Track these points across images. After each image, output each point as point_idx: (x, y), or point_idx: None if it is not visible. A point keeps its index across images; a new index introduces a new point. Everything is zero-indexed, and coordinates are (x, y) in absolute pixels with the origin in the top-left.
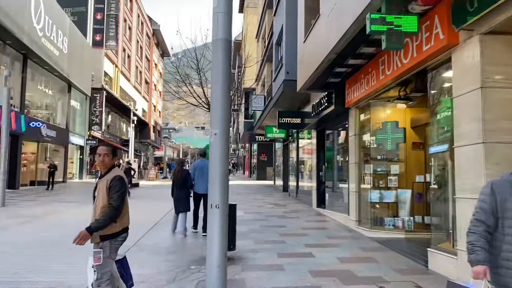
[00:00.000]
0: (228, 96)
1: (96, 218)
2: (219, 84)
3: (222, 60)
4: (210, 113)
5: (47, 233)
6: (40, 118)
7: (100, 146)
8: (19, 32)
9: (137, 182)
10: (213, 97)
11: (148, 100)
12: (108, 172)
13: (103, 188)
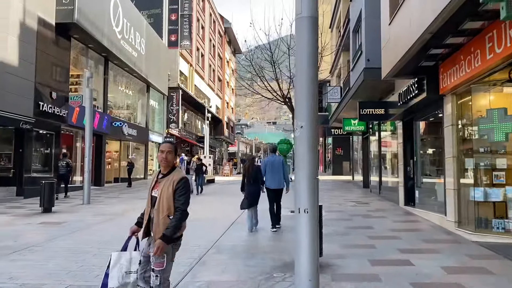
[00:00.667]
0: (315, 82)
1: (169, 225)
2: (304, 69)
3: (307, 41)
4: (295, 102)
5: (126, 232)
6: (122, 118)
7: (163, 143)
8: (100, 36)
9: (212, 178)
10: (298, 84)
11: (221, 97)
12: (171, 172)
13: (167, 189)
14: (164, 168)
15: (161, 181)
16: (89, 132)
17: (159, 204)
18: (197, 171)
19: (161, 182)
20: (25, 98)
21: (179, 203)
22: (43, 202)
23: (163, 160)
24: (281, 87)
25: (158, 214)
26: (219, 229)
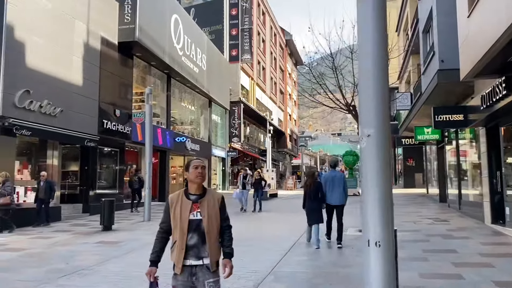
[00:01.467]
0: (385, 78)
1: (227, 243)
2: (369, 60)
3: (373, 24)
4: (359, 105)
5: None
6: (185, 133)
7: (196, 159)
8: (161, 53)
9: (275, 192)
10: (362, 81)
11: (283, 110)
12: (205, 190)
13: (213, 208)
14: (199, 184)
15: (201, 201)
16: (149, 148)
17: (209, 226)
18: (255, 186)
19: (202, 203)
20: (89, 117)
21: (228, 221)
22: (103, 220)
23: (199, 175)
24: (344, 94)
25: (210, 236)
26: (278, 252)
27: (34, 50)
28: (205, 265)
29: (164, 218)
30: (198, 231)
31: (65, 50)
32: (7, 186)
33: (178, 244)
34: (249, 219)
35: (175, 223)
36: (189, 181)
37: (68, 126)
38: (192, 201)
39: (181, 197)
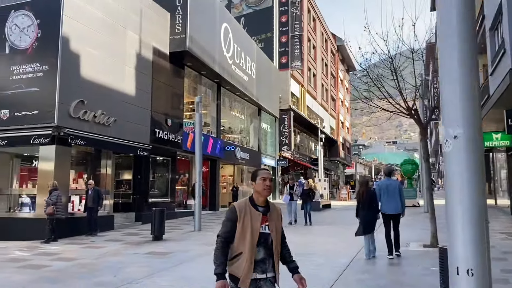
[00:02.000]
0: (475, 66)
1: (291, 257)
2: (454, 45)
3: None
4: (441, 100)
5: None
6: (235, 142)
7: (264, 170)
8: (211, 62)
9: (328, 203)
10: (444, 68)
11: (335, 117)
12: (268, 203)
13: (278, 222)
14: (265, 197)
15: (270, 214)
16: (199, 157)
17: (277, 240)
18: (303, 198)
19: (270, 216)
20: (142, 126)
21: (284, 234)
22: (153, 229)
23: (267, 188)
24: (405, 97)
25: (276, 250)
26: (333, 269)
27: (88, 60)
28: (269, 279)
29: (228, 228)
30: (265, 245)
31: (118, 60)
32: (53, 196)
33: (247, 257)
34: (298, 232)
35: (243, 234)
36: (255, 192)
37: (121, 136)
38: (261, 213)
39: (249, 207)
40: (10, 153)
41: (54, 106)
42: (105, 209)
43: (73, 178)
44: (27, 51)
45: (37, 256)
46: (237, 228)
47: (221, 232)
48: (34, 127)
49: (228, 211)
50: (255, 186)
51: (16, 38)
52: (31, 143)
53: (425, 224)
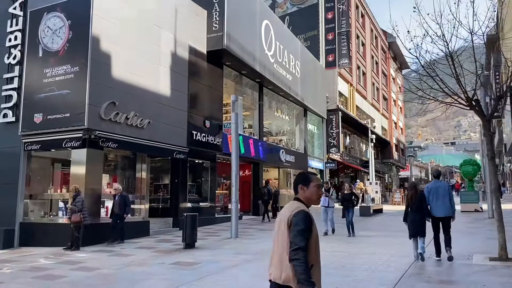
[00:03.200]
0: None
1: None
2: None
3: None
4: None
5: (259, 280)
6: (279, 144)
7: (316, 175)
8: (251, 61)
9: (379, 207)
10: None
11: (387, 118)
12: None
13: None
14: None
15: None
16: (235, 160)
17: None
18: (344, 204)
19: None
20: (178, 128)
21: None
22: (184, 237)
23: (320, 197)
24: (463, 85)
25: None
26: (380, 286)
27: (120, 61)
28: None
29: (308, 238)
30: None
31: (152, 60)
32: (77, 202)
33: (319, 270)
34: (342, 241)
35: (316, 245)
36: (306, 198)
37: (156, 138)
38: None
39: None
40: (50, 157)
41: (84, 108)
42: (140, 214)
43: (107, 182)
44: (59, 53)
45: (60, 264)
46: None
47: (303, 244)
48: (65, 130)
49: (305, 218)
50: (306, 192)
51: (48, 41)
52: (63, 146)
53: (490, 232)
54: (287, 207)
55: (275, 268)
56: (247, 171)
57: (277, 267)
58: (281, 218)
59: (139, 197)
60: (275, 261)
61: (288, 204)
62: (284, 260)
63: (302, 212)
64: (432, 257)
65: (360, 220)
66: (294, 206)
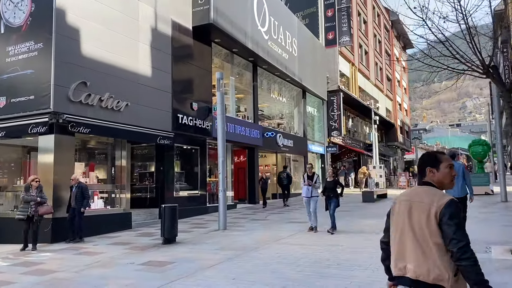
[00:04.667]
0: None
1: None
2: None
3: None
4: None
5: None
6: (276, 128)
7: (446, 156)
8: (242, 37)
9: (384, 192)
10: None
11: (392, 99)
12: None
13: None
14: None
15: None
16: (222, 144)
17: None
18: (326, 194)
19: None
20: (161, 111)
21: None
22: (163, 231)
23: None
24: (478, 47)
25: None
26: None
27: (91, 36)
28: None
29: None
30: None
31: (129, 36)
32: (43, 193)
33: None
34: (331, 235)
35: None
36: (438, 182)
37: (136, 122)
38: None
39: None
40: (23, 146)
41: (49, 89)
42: (121, 205)
43: (82, 171)
44: (22, 28)
45: (14, 267)
46: None
47: (468, 239)
48: (30, 114)
49: (458, 209)
50: (437, 174)
51: (10, 15)
52: (28, 132)
53: (506, 218)
54: (423, 194)
55: (416, 264)
56: (242, 157)
57: (421, 264)
58: (419, 207)
59: (119, 187)
60: (414, 257)
61: (422, 190)
62: (432, 256)
63: (455, 203)
64: None
65: (362, 206)
66: (437, 194)
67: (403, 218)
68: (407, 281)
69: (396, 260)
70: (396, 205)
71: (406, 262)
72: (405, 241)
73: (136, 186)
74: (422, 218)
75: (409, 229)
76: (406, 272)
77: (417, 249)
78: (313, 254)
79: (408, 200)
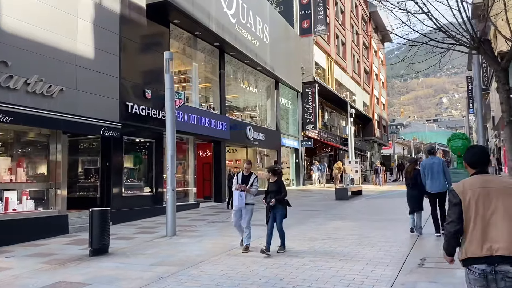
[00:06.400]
0: None
1: None
2: None
3: None
4: None
5: None
6: (246, 120)
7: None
8: (205, 19)
9: (358, 188)
10: None
11: (369, 92)
12: None
13: None
14: None
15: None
16: (171, 136)
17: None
18: (268, 200)
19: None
20: (106, 98)
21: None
22: (91, 240)
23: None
24: (467, 12)
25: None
26: None
27: (14, 8)
28: None
29: None
30: None
31: (65, 11)
32: None
33: None
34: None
35: None
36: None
37: (73, 110)
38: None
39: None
40: None
41: None
42: (56, 207)
43: (7, 167)
44: None
45: None
46: None
47: None
48: None
49: None
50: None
51: None
52: None
53: None
54: (499, 180)
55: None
56: (207, 151)
57: None
58: (505, 191)
59: (53, 186)
60: (511, 234)
61: (496, 177)
62: None
63: None
64: (433, 235)
65: (333, 205)
66: (506, 179)
67: (499, 204)
68: (496, 259)
69: (489, 241)
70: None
71: (504, 242)
72: (498, 224)
73: (80, 184)
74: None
75: (505, 213)
76: (499, 251)
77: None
78: (271, 272)
79: (506, 188)
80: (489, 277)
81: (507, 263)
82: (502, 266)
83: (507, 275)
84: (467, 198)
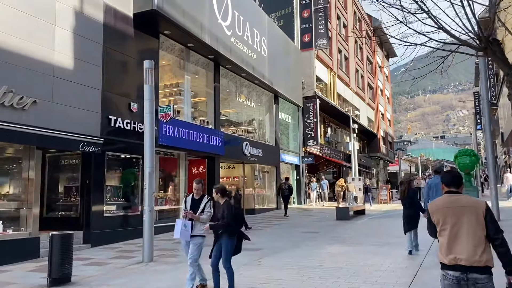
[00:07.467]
0: None
1: None
2: None
3: None
4: None
5: None
6: (243, 135)
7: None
8: (198, 30)
9: (361, 208)
10: None
11: (374, 108)
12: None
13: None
14: None
15: None
16: (150, 151)
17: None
18: (215, 227)
19: None
20: (86, 111)
21: None
22: (50, 269)
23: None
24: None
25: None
26: None
27: None
28: None
29: None
30: None
31: (41, 18)
32: None
33: None
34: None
35: None
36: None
37: (48, 124)
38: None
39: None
40: None
41: None
42: (26, 228)
43: None
44: None
45: None
46: None
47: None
48: None
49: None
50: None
51: None
52: None
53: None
54: (465, 199)
55: (472, 252)
56: (201, 167)
57: (476, 252)
58: (468, 210)
59: (25, 205)
60: (470, 247)
61: (463, 197)
62: (484, 244)
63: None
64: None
65: (335, 225)
66: (472, 198)
67: (455, 220)
68: (461, 267)
69: (451, 251)
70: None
71: (459, 253)
72: (461, 237)
73: (61, 203)
74: (473, 218)
75: (463, 227)
76: (458, 260)
77: (475, 241)
78: None
79: (463, 206)
80: (461, 283)
81: (474, 272)
82: (472, 274)
83: (477, 281)
84: (436, 216)
